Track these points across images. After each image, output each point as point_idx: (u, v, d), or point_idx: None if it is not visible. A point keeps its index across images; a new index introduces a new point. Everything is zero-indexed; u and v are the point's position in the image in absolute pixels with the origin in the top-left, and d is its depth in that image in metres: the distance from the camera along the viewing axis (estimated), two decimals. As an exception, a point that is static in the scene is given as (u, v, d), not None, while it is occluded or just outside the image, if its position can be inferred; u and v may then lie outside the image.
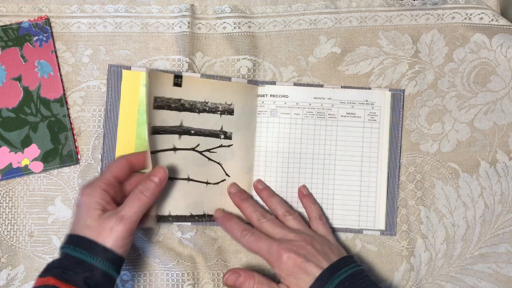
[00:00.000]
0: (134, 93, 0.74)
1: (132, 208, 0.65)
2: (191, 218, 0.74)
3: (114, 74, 0.74)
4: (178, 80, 0.73)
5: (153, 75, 0.72)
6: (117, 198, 0.68)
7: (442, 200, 0.78)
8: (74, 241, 0.64)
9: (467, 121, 0.79)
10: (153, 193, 0.67)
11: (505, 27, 0.77)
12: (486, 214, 0.79)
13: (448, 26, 0.78)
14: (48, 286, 0.60)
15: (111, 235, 0.63)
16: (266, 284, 0.69)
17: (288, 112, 0.76)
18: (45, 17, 0.74)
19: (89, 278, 0.62)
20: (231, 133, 0.75)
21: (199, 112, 0.74)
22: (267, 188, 0.77)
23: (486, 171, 0.79)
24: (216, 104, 0.74)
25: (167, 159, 0.73)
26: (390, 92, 0.77)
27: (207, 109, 0.74)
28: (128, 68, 0.74)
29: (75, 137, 0.74)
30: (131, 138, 0.74)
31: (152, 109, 0.71)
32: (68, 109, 0.74)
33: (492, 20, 0.77)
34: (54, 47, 0.74)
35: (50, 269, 0.62)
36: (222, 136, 0.75)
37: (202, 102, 0.74)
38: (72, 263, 0.62)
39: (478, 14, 0.78)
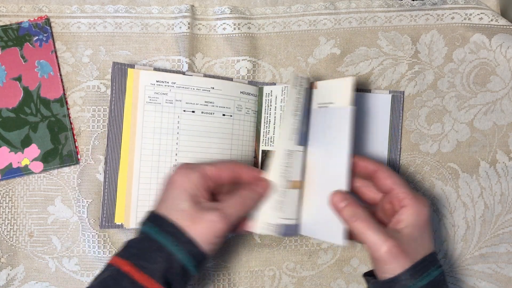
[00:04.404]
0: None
1: (236, 210, 0.62)
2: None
3: (119, 72, 0.72)
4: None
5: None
6: (211, 191, 0.64)
7: (442, 200, 0.78)
8: (159, 222, 0.60)
9: (467, 122, 0.79)
10: (256, 203, 0.65)
11: (504, 27, 0.77)
12: (486, 214, 0.79)
13: (448, 26, 0.78)
14: (121, 273, 0.56)
15: (207, 228, 0.59)
16: (373, 222, 0.62)
17: None
18: (45, 17, 0.74)
19: (168, 271, 0.57)
20: None
21: None
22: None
23: (486, 171, 0.79)
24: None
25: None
26: (390, 94, 0.77)
27: None
28: (132, 66, 0.73)
29: (75, 137, 0.74)
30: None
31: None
32: (68, 109, 0.74)
33: (491, 20, 0.78)
34: (54, 47, 0.74)
35: (129, 249, 0.59)
36: None
37: None
38: (153, 247, 0.58)
39: (478, 14, 0.78)
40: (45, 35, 0.74)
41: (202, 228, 0.58)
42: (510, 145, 0.79)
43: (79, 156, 0.75)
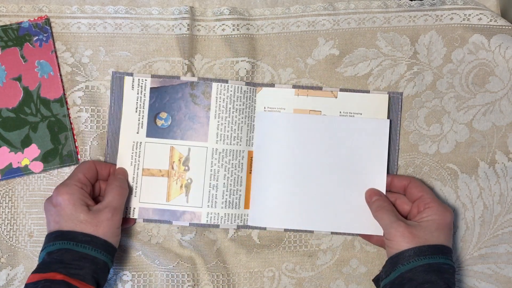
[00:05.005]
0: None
1: (118, 199, 0.69)
2: None
3: (117, 81, 0.75)
4: None
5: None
6: (91, 196, 0.71)
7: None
8: (71, 237, 0.65)
9: (466, 122, 0.78)
10: (126, 186, 0.73)
11: (503, 27, 0.77)
12: (485, 214, 0.78)
13: (447, 27, 0.78)
14: (57, 281, 0.62)
15: (108, 226, 0.67)
16: (395, 212, 0.72)
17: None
18: (45, 17, 0.74)
19: (95, 272, 0.65)
20: None
21: None
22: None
23: (485, 172, 0.78)
24: None
25: None
26: (388, 95, 0.77)
27: None
28: (131, 74, 0.75)
29: (75, 137, 0.75)
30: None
31: None
32: (68, 109, 0.74)
33: (490, 20, 0.78)
34: (54, 47, 0.75)
35: (49, 265, 0.63)
36: None
37: None
38: (76, 258, 0.64)
39: (477, 15, 0.78)
40: (45, 35, 0.74)
41: (105, 227, 0.67)
42: (509, 146, 0.79)
43: (79, 156, 0.75)
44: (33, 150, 0.73)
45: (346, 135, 0.76)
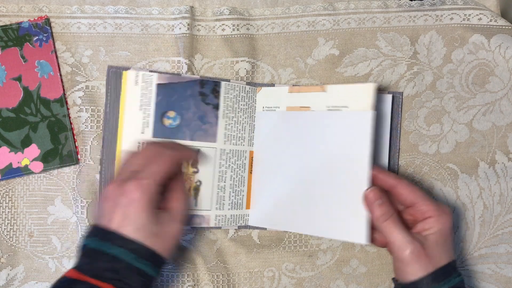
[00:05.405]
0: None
1: (186, 210, 0.64)
2: None
3: (114, 76, 0.73)
4: None
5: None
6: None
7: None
8: (128, 244, 0.58)
9: (466, 122, 0.79)
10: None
11: (503, 27, 0.78)
12: (485, 214, 0.78)
13: (447, 27, 0.79)
14: None
15: (168, 240, 0.61)
16: (401, 223, 0.65)
17: None
18: (45, 17, 0.74)
19: (146, 286, 0.59)
20: None
21: None
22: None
23: (485, 172, 0.79)
24: None
25: None
26: (389, 95, 0.77)
27: None
28: (128, 69, 0.74)
29: (75, 137, 0.75)
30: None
31: None
32: (68, 109, 0.74)
33: (490, 20, 0.78)
34: (54, 47, 0.75)
35: (99, 271, 0.57)
36: None
37: None
38: (131, 271, 0.58)
39: (477, 15, 0.78)
40: (45, 35, 0.74)
41: (164, 242, 0.60)
42: (509, 146, 0.79)
43: (79, 156, 0.75)
44: (33, 150, 0.73)
45: (332, 130, 0.71)
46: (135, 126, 0.73)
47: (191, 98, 0.73)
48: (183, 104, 0.73)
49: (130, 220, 0.58)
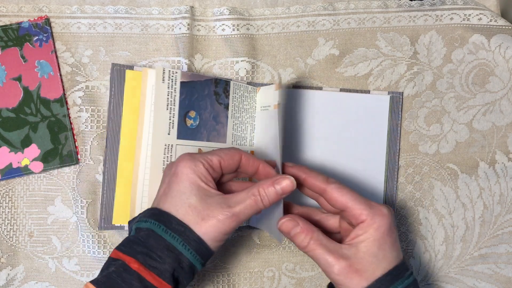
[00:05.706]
0: (137, 93, 0.72)
1: (246, 209, 0.58)
2: None
3: (117, 73, 0.72)
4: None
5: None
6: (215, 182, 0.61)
7: (441, 201, 0.78)
8: (164, 219, 0.57)
9: (466, 122, 0.79)
10: (270, 203, 0.60)
11: (503, 27, 0.78)
12: (485, 214, 0.78)
13: (447, 27, 0.79)
14: (130, 270, 0.54)
15: (216, 226, 0.56)
16: (325, 243, 0.59)
17: None
18: (45, 17, 0.74)
19: (177, 270, 0.56)
20: None
21: None
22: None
23: (485, 172, 0.79)
24: None
25: None
26: (389, 95, 0.77)
27: None
28: (131, 67, 0.72)
29: (75, 137, 0.75)
30: (134, 139, 0.72)
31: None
32: (68, 109, 0.74)
33: (490, 20, 0.78)
34: (54, 47, 0.75)
35: (134, 246, 0.56)
36: None
37: None
38: (161, 246, 0.55)
39: (477, 15, 0.78)
40: (45, 35, 0.74)
41: (211, 227, 0.56)
42: (509, 146, 0.79)
43: (79, 156, 0.75)
44: (33, 150, 0.73)
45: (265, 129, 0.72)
46: (163, 127, 0.70)
47: (207, 98, 0.72)
48: (201, 104, 0.72)
49: (180, 199, 0.58)
